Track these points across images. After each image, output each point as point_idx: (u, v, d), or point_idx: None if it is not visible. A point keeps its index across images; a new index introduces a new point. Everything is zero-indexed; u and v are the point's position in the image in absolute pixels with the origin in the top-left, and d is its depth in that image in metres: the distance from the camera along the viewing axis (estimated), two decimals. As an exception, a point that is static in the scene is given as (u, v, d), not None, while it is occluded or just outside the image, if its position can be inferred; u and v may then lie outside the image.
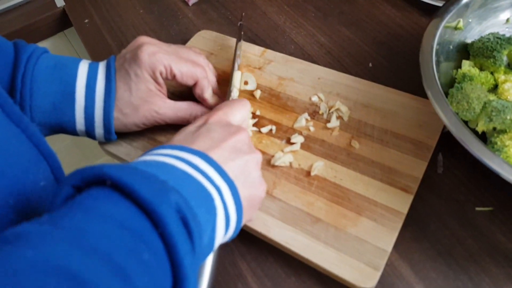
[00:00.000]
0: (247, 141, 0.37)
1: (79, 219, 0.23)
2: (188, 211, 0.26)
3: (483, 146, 0.35)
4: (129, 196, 0.25)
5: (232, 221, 0.33)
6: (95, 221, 0.23)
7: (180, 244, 0.25)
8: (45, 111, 0.42)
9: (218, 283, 0.40)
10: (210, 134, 0.35)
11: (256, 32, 0.62)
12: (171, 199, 0.26)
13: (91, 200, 0.25)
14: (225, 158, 0.34)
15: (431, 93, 0.40)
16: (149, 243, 0.24)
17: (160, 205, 0.24)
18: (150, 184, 0.26)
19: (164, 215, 0.24)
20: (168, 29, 0.65)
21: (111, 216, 0.24)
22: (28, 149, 0.33)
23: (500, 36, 0.45)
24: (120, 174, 0.25)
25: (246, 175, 0.35)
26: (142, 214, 0.25)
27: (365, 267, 0.36)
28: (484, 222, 0.40)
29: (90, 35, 0.67)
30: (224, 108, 0.39)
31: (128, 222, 0.24)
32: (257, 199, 0.36)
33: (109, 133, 0.45)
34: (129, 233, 0.23)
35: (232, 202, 0.32)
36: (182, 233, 0.25)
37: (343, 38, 0.59)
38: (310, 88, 0.50)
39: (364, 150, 0.44)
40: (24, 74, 0.41)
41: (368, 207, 0.40)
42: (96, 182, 0.26)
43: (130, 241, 0.23)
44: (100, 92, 0.43)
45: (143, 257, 0.23)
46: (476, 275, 0.38)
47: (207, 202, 0.30)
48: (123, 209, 0.24)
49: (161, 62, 0.43)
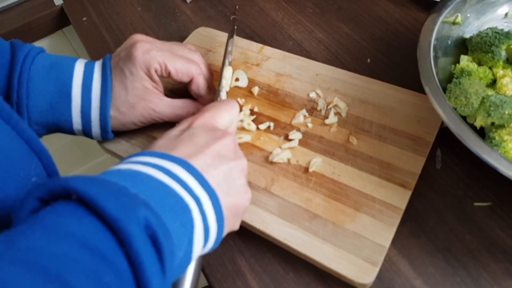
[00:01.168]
0: (232, 146, 0.35)
1: (37, 238, 0.22)
2: (158, 227, 0.25)
3: (481, 141, 0.35)
4: (95, 212, 0.24)
5: (212, 232, 0.31)
6: (54, 240, 0.22)
7: (147, 264, 0.23)
8: (42, 111, 0.42)
9: (216, 279, 0.40)
10: (193, 139, 0.34)
11: (253, 28, 0.61)
12: (140, 215, 0.24)
13: (53, 216, 0.23)
14: (207, 165, 0.32)
15: (429, 89, 0.40)
16: (112, 264, 0.22)
17: (127, 222, 0.23)
18: (117, 199, 0.24)
19: (131, 233, 0.23)
20: (166, 27, 0.64)
21: (73, 235, 0.22)
22: (18, 146, 0.33)
23: (498, 31, 0.45)
24: (87, 188, 0.24)
25: (229, 183, 0.33)
26: (108, 231, 0.23)
27: (363, 263, 0.36)
28: (483, 218, 0.40)
29: (88, 33, 0.67)
30: (211, 110, 0.38)
31: (91, 241, 0.23)
32: (241, 208, 0.34)
33: (106, 132, 0.45)
34: (90, 253, 0.22)
35: (212, 213, 0.31)
36: (149, 252, 0.24)
37: (341, 34, 0.58)
38: (308, 84, 0.50)
39: (362, 146, 0.44)
40: (20, 74, 0.41)
41: (366, 203, 0.40)
42: (63, 195, 0.24)
43: (91, 262, 0.22)
44: (96, 91, 0.43)
45: (104, 279, 0.22)
46: (475, 270, 0.38)
47: (183, 214, 0.29)
48: (87, 227, 0.23)
49: (155, 59, 0.43)
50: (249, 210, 0.41)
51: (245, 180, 0.35)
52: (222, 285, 0.40)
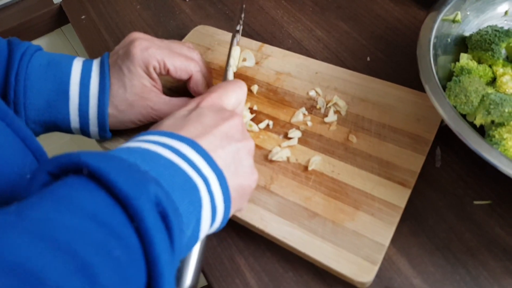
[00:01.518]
0: (240, 127, 0.35)
1: (48, 210, 0.22)
2: (168, 204, 0.25)
3: (481, 140, 0.35)
4: (105, 187, 0.23)
5: (219, 212, 0.32)
6: (65, 213, 0.22)
7: (157, 240, 0.23)
8: (39, 109, 0.42)
9: (216, 278, 0.40)
10: (201, 119, 0.34)
11: (253, 27, 0.61)
12: (150, 191, 0.24)
13: (64, 189, 0.23)
14: (215, 146, 0.32)
15: (428, 87, 0.39)
16: (122, 238, 0.23)
17: (138, 198, 0.23)
18: (128, 174, 0.24)
19: (141, 209, 0.23)
20: (165, 25, 0.64)
21: (83, 208, 0.22)
22: (13, 143, 0.33)
23: (498, 29, 0.45)
24: (98, 162, 0.24)
25: (237, 163, 0.33)
26: (118, 206, 0.23)
27: (362, 262, 0.36)
28: (482, 216, 0.40)
29: (87, 31, 0.67)
30: (218, 90, 0.37)
31: (101, 215, 0.23)
32: (248, 188, 0.35)
33: (103, 131, 0.45)
34: (100, 227, 0.22)
35: (219, 193, 0.31)
36: (159, 228, 0.24)
37: (340, 32, 0.58)
38: (307, 82, 0.50)
39: (361, 144, 0.44)
40: (17, 72, 0.40)
41: (366, 201, 0.40)
42: (73, 170, 0.24)
43: (101, 236, 0.22)
44: (94, 89, 0.43)
45: (114, 253, 0.22)
46: (474, 268, 0.37)
47: (192, 193, 0.29)
48: (98, 201, 0.23)
49: (154, 57, 0.43)
50: (248, 208, 0.41)
51: (252, 161, 0.35)
52: (221, 284, 0.40)
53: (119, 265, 0.22)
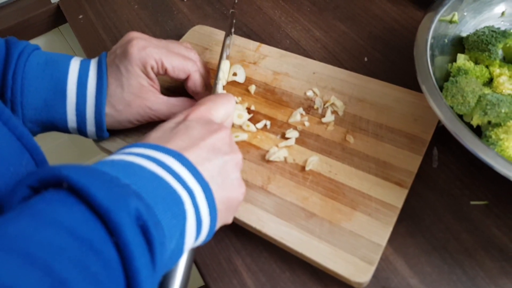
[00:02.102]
0: (228, 140, 0.35)
1: (24, 225, 0.22)
2: (149, 218, 0.25)
3: (477, 140, 0.35)
4: (85, 201, 0.23)
5: (205, 225, 0.31)
6: (42, 228, 0.22)
7: (137, 255, 0.23)
8: (37, 108, 0.42)
9: (213, 279, 0.40)
10: (188, 131, 0.34)
11: (251, 27, 0.61)
12: (131, 205, 0.24)
13: (43, 204, 0.23)
14: (202, 159, 0.32)
15: (425, 87, 0.40)
16: (100, 254, 0.22)
17: (117, 212, 0.23)
18: (109, 188, 0.24)
19: (121, 223, 0.23)
20: (163, 25, 0.64)
21: (61, 223, 0.22)
22: (9, 141, 0.32)
23: (495, 30, 0.45)
24: (78, 176, 0.23)
25: (224, 176, 0.33)
26: (98, 221, 0.23)
27: (359, 262, 0.36)
28: (479, 216, 0.40)
29: (84, 31, 0.67)
30: (207, 103, 0.37)
31: (79, 230, 0.22)
32: (235, 201, 0.34)
33: (100, 131, 0.44)
34: (78, 242, 0.22)
35: (205, 206, 0.31)
36: (139, 243, 0.23)
37: (338, 32, 0.58)
38: (305, 83, 0.50)
39: (359, 144, 0.44)
40: (15, 71, 0.40)
41: (363, 201, 0.40)
42: (54, 183, 0.24)
43: (78, 251, 0.22)
44: (91, 89, 0.42)
45: (91, 269, 0.21)
46: (471, 269, 0.38)
47: (176, 206, 0.28)
48: (76, 215, 0.23)
49: (151, 56, 0.43)
50: (246, 209, 0.41)
51: (239, 174, 0.35)
52: (218, 285, 0.40)
53: (96, 281, 0.21)
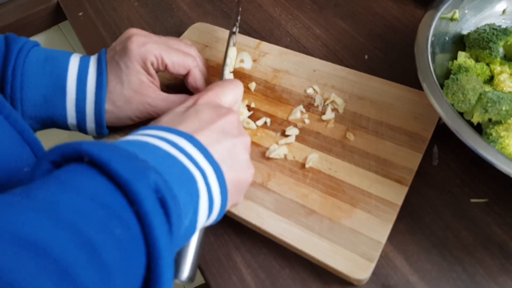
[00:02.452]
0: (236, 123, 0.36)
1: (52, 191, 0.23)
2: (167, 191, 0.26)
3: (478, 137, 0.35)
4: (106, 174, 0.24)
5: (216, 205, 0.32)
6: (68, 193, 0.23)
7: (156, 224, 0.24)
8: (36, 104, 0.42)
9: (212, 275, 0.40)
10: (198, 115, 0.35)
11: (251, 24, 0.61)
12: (150, 178, 0.25)
13: (66, 174, 0.24)
14: (212, 140, 0.33)
15: (426, 85, 0.39)
16: (122, 220, 0.23)
17: (137, 183, 0.24)
18: (128, 162, 0.25)
19: (141, 193, 0.24)
20: (163, 22, 0.64)
21: (85, 190, 0.23)
22: (10, 136, 0.33)
23: (496, 27, 0.45)
24: (99, 151, 0.24)
25: (233, 158, 0.34)
26: (118, 191, 0.24)
27: (359, 259, 0.36)
28: (479, 214, 0.40)
29: (84, 28, 0.66)
30: (215, 88, 0.38)
31: (102, 198, 0.23)
32: (244, 182, 0.35)
33: (100, 127, 0.44)
34: (101, 208, 0.23)
35: (216, 185, 0.32)
36: (158, 213, 0.24)
37: (339, 30, 0.58)
38: (305, 80, 0.50)
39: (359, 142, 0.44)
40: (14, 67, 0.40)
41: (363, 199, 0.40)
42: (75, 158, 0.25)
43: (102, 216, 0.23)
44: (91, 85, 0.42)
45: (115, 232, 0.23)
46: (471, 266, 0.38)
47: (189, 184, 0.29)
48: (98, 185, 0.24)
49: (151, 52, 0.43)
50: (245, 205, 0.41)
51: (248, 156, 0.36)
52: (217, 281, 0.40)
53: (120, 243, 0.23)
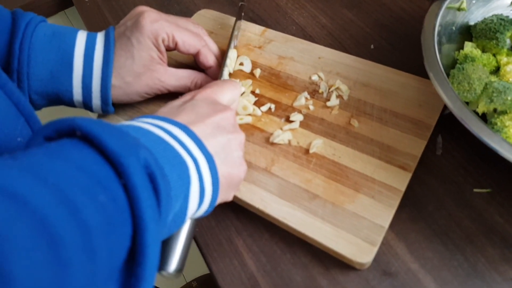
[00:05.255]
0: (232, 120, 0.36)
1: (39, 156, 0.23)
2: (157, 169, 0.26)
3: (483, 125, 0.35)
4: (97, 147, 0.24)
5: (207, 195, 0.32)
6: (55, 161, 0.23)
7: (143, 197, 0.24)
8: (43, 79, 0.42)
9: (213, 259, 0.40)
10: (195, 109, 0.35)
11: (257, 12, 0.61)
12: (140, 153, 0.25)
13: (56, 146, 0.24)
14: (206, 134, 0.33)
15: (432, 74, 0.39)
16: (108, 189, 0.23)
17: (127, 156, 0.24)
18: (119, 137, 0.25)
19: (129, 166, 0.24)
20: (169, 9, 0.64)
21: (73, 160, 0.23)
22: (5, 106, 0.33)
23: (503, 18, 0.45)
24: (90, 125, 0.25)
25: (227, 153, 0.34)
26: (107, 164, 0.24)
27: (361, 243, 0.36)
28: (482, 204, 0.40)
29: (91, 14, 0.66)
30: (213, 86, 0.39)
31: (89, 168, 0.24)
32: (236, 179, 0.35)
33: (106, 104, 0.44)
34: (87, 176, 0.23)
35: (208, 176, 0.32)
36: (146, 187, 0.24)
37: (345, 20, 0.58)
38: (310, 67, 0.50)
39: (363, 128, 0.44)
40: (22, 41, 0.40)
41: (366, 184, 0.40)
42: (69, 133, 0.25)
43: (87, 182, 0.23)
44: (98, 61, 0.42)
45: (99, 197, 0.23)
46: (472, 255, 0.37)
47: (181, 169, 0.29)
48: (87, 156, 0.24)
49: (163, 29, 0.43)
50: (249, 189, 0.41)
51: (242, 153, 0.36)
52: (218, 265, 0.40)
53: (103, 209, 0.23)
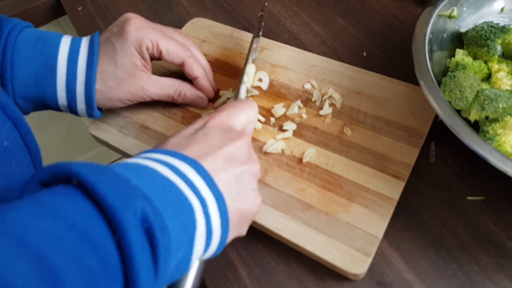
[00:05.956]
0: (246, 149, 0.34)
1: (25, 212, 0.21)
2: (155, 221, 0.24)
3: (473, 134, 0.35)
4: (92, 198, 0.23)
5: (215, 237, 0.30)
6: (43, 217, 0.21)
7: (138, 256, 0.22)
8: (27, 84, 0.42)
9: (207, 271, 0.40)
10: (206, 139, 0.33)
11: (250, 20, 0.61)
12: (137, 206, 0.23)
13: (48, 195, 0.23)
14: (217, 168, 0.31)
15: (423, 82, 0.39)
16: (98, 250, 0.22)
17: (122, 210, 0.22)
18: (116, 187, 0.24)
19: (124, 221, 0.22)
20: (162, 17, 0.64)
21: (62, 214, 0.22)
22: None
23: (494, 25, 0.45)
24: (86, 172, 0.23)
25: (239, 188, 0.32)
26: (101, 218, 0.23)
27: (356, 253, 0.36)
28: (475, 211, 0.40)
29: (83, 22, 0.66)
30: (228, 109, 0.36)
31: (80, 223, 0.22)
32: (249, 213, 0.33)
33: (91, 108, 0.44)
34: (76, 235, 0.21)
35: (217, 216, 0.30)
36: (142, 244, 0.23)
37: (337, 27, 0.58)
38: (303, 75, 0.50)
39: (356, 137, 0.44)
40: (5, 46, 0.40)
41: (360, 193, 0.39)
42: (64, 179, 0.24)
43: (75, 244, 0.21)
44: (82, 65, 0.42)
45: (86, 262, 0.21)
46: (466, 264, 0.37)
47: (185, 214, 0.28)
48: (80, 210, 0.23)
49: (147, 36, 0.43)
50: (242, 200, 0.40)
51: (256, 185, 0.34)
52: (212, 277, 0.39)
53: (90, 274, 0.21)
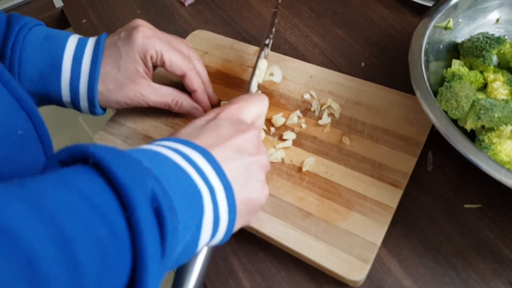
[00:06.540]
0: (255, 141, 0.35)
1: (46, 185, 0.23)
2: (164, 202, 0.25)
3: (469, 143, 0.36)
4: (106, 176, 0.24)
5: (222, 224, 0.31)
6: (61, 189, 0.23)
7: (146, 232, 0.23)
8: (33, 80, 0.43)
9: (209, 278, 0.40)
10: (217, 129, 0.34)
11: (250, 32, 0.62)
12: (147, 186, 0.25)
13: (67, 172, 0.25)
14: (227, 157, 0.33)
15: (419, 92, 0.40)
16: (110, 223, 0.23)
17: (133, 188, 0.24)
18: (129, 167, 0.25)
19: (134, 199, 0.24)
20: (164, 30, 0.65)
21: (80, 189, 0.23)
22: (7, 101, 0.34)
23: (489, 36, 0.46)
24: (102, 153, 0.25)
25: (247, 177, 0.33)
26: (113, 195, 0.24)
27: (354, 260, 0.37)
28: (473, 219, 0.41)
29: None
30: (239, 102, 0.37)
31: (94, 198, 0.23)
32: (256, 204, 0.34)
33: (93, 106, 0.45)
34: (90, 207, 0.23)
35: (225, 204, 0.31)
36: (151, 221, 0.24)
37: (336, 38, 0.59)
38: (302, 86, 0.51)
39: (354, 146, 0.44)
40: (14, 43, 0.41)
41: (358, 201, 0.40)
42: (82, 159, 0.26)
43: (88, 215, 0.23)
44: (86, 65, 0.43)
45: (98, 233, 0.22)
46: (464, 271, 0.38)
47: (194, 198, 0.29)
48: (94, 185, 0.24)
49: (153, 46, 0.44)
50: (243, 208, 0.41)
51: (263, 176, 0.35)
52: (214, 284, 0.40)
53: (100, 245, 0.22)
